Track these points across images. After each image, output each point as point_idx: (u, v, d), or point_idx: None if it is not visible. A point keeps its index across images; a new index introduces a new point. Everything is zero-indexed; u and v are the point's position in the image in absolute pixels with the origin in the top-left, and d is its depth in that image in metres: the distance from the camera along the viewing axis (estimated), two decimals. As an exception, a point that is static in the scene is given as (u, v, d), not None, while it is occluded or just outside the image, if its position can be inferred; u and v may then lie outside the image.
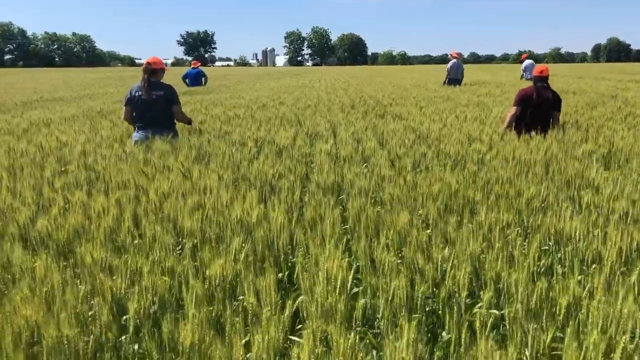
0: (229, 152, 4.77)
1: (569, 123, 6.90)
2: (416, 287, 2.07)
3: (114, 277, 2.01)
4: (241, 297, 2.03)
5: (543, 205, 3.21)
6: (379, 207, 3.21)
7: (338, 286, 1.94)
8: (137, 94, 5.63)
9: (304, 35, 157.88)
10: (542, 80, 6.35)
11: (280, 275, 2.45)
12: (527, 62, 18.29)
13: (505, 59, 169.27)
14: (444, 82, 16.52)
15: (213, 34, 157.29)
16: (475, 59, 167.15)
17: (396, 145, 5.22)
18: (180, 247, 2.55)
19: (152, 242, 2.39)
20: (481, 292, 2.09)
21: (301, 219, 2.98)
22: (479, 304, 2.02)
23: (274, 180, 3.88)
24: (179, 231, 2.64)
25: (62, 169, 3.97)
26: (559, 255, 2.59)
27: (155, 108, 5.58)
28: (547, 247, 2.67)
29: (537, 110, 6.19)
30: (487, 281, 2.15)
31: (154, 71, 5.69)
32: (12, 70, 68.78)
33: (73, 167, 3.93)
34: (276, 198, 3.15)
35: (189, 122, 6.07)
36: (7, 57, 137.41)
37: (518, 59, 31.27)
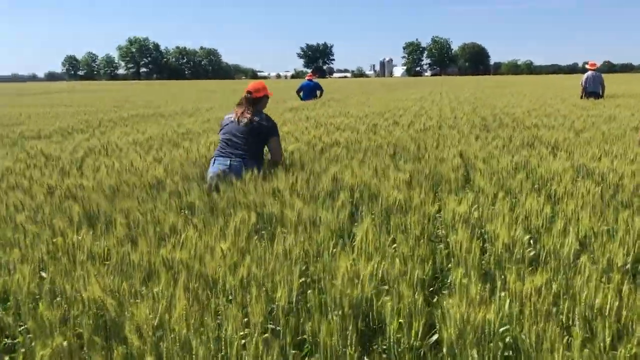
0: (307, 214, 3.06)
1: None
2: None
3: None
4: None
5: None
6: None
7: None
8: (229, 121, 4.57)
9: (423, 45, 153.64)
10: None
11: None
12: None
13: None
14: (581, 97, 14.76)
15: (332, 46, 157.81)
16: (609, 68, 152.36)
17: (577, 207, 3.21)
18: None
19: None
20: None
21: None
22: None
23: (371, 290, 2.09)
24: None
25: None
26: None
27: (247, 137, 4.42)
28: None
29: None
30: None
31: (256, 100, 4.56)
32: (140, 83, 73.07)
33: (38, 259, 2.39)
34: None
35: (279, 159, 4.52)
36: (143, 70, 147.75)
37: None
